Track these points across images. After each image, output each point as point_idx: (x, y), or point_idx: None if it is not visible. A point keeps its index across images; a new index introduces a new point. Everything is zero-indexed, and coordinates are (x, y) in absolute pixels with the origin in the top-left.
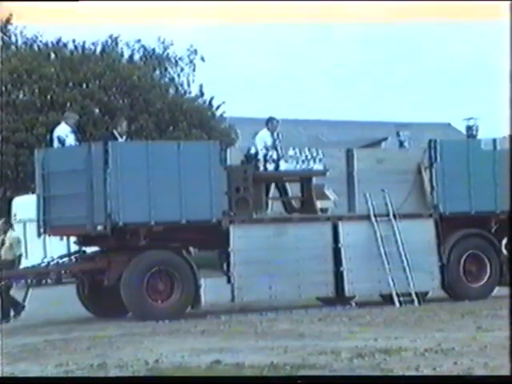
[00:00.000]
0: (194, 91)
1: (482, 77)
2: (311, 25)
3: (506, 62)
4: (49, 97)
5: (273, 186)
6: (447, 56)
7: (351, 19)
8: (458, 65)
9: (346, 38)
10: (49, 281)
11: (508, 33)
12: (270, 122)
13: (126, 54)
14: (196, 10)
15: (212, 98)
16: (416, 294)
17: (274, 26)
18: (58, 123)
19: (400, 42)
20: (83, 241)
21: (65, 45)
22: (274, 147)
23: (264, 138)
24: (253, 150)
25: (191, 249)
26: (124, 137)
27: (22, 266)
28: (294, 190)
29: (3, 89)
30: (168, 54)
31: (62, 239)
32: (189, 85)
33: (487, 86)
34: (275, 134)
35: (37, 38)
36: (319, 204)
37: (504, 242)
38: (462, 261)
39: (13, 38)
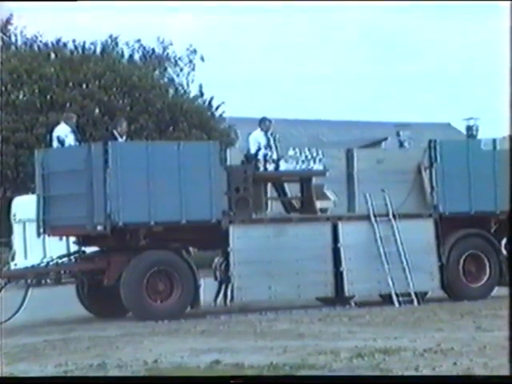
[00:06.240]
0: (194, 91)
1: (482, 77)
2: (311, 25)
3: (506, 62)
4: (49, 97)
5: (269, 186)
6: (447, 56)
7: (351, 18)
8: (457, 65)
9: (345, 38)
10: (48, 281)
11: (508, 33)
12: (262, 122)
13: (126, 54)
14: (196, 9)
15: (212, 98)
16: (415, 294)
17: (274, 25)
18: (58, 123)
19: (400, 42)
20: (83, 241)
21: (65, 45)
22: (269, 147)
23: (257, 138)
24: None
25: (191, 249)
26: (124, 137)
27: (21, 266)
28: (293, 190)
29: (3, 89)
30: (167, 53)
31: (61, 239)
32: (188, 85)
33: (487, 86)
34: (269, 134)
35: (37, 38)
36: (319, 204)
37: (504, 242)
38: (462, 261)
39: (13, 38)
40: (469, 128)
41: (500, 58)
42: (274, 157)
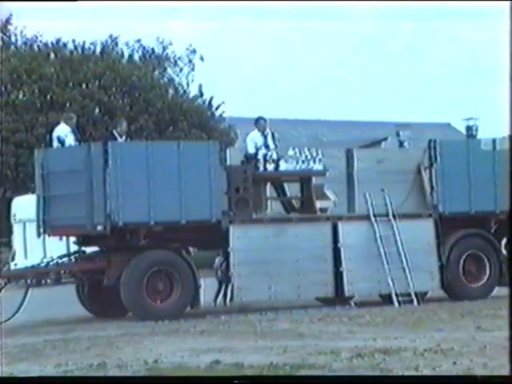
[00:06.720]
0: (194, 91)
1: (483, 77)
2: (311, 24)
3: (506, 61)
4: (49, 97)
5: (269, 186)
6: (447, 56)
7: (351, 18)
8: (458, 65)
9: (345, 38)
10: (48, 281)
11: (508, 33)
12: (258, 123)
13: (126, 54)
14: (195, 9)
15: (211, 98)
16: (415, 293)
17: (274, 25)
18: (58, 123)
19: (400, 42)
20: (83, 241)
21: (65, 45)
22: (266, 146)
23: (254, 138)
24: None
25: (191, 249)
26: (124, 137)
27: (21, 266)
28: (293, 190)
29: (3, 89)
30: (167, 53)
31: (61, 239)
32: (188, 85)
33: (487, 86)
34: (266, 134)
35: (37, 38)
36: (319, 204)
37: (504, 242)
38: (462, 261)
39: (13, 38)
40: (469, 128)
41: (500, 58)
42: (274, 156)
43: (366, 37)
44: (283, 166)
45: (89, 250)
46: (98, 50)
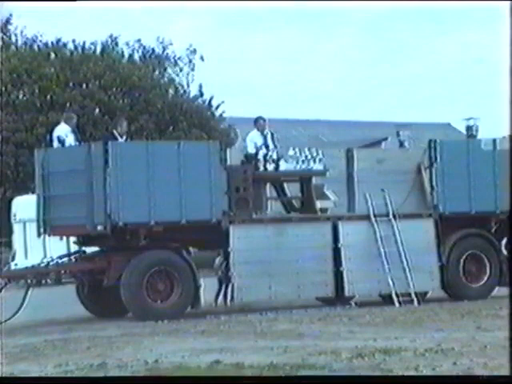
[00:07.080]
0: (194, 91)
1: (482, 77)
2: (311, 25)
3: (506, 61)
4: (49, 97)
5: (268, 186)
6: (447, 56)
7: (351, 19)
8: (457, 64)
9: (345, 38)
10: (48, 281)
11: (508, 32)
12: (257, 122)
13: (126, 54)
14: (195, 9)
15: (211, 98)
16: (415, 294)
17: (274, 25)
18: (58, 123)
19: (400, 42)
20: (83, 241)
21: (65, 45)
22: (266, 146)
23: (254, 138)
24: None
25: (191, 249)
26: (124, 137)
27: (21, 266)
28: (293, 190)
29: (3, 89)
30: (167, 53)
31: (61, 239)
32: (188, 85)
33: (487, 86)
34: (265, 133)
35: (37, 37)
36: (319, 204)
37: (504, 242)
38: (462, 261)
39: (13, 38)
40: (469, 128)
41: (500, 58)
42: (274, 156)
43: (366, 37)
44: (283, 165)
45: (89, 250)
46: (98, 49)
